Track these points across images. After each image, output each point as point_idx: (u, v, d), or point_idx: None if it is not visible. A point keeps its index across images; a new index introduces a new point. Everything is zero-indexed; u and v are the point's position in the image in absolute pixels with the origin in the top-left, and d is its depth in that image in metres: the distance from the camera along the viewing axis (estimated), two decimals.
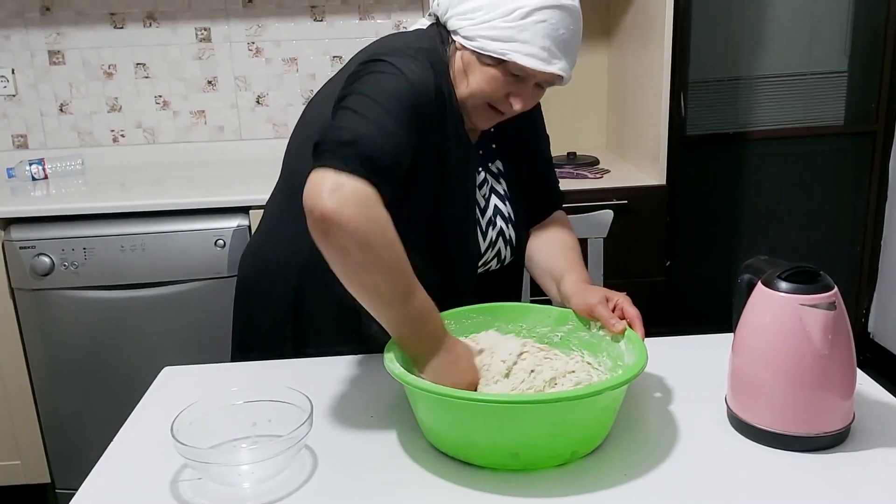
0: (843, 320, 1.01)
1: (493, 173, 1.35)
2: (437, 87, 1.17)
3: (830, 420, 1.02)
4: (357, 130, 1.05)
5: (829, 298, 0.99)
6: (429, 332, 1.08)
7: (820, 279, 1.01)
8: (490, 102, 1.21)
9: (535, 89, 1.21)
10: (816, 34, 2.93)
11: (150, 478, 1.02)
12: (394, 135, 1.08)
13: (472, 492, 0.96)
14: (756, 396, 1.04)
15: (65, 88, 2.73)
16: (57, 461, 2.36)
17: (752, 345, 1.04)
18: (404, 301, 1.04)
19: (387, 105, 1.09)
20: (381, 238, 1.00)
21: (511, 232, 1.35)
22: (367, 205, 1.00)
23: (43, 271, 2.18)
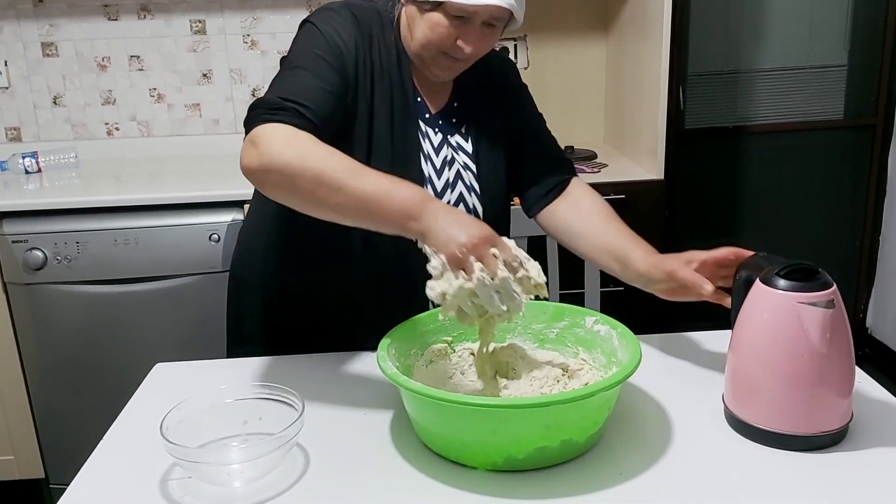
0: (842, 318, 0.99)
1: (452, 146, 1.32)
2: (359, 36, 1.20)
3: (828, 419, 1.01)
4: (263, 97, 1.12)
5: (828, 296, 0.98)
6: (402, 203, 1.00)
7: (818, 277, 1.00)
8: (443, 50, 1.20)
9: (485, 29, 1.19)
10: (816, 28, 2.92)
11: (140, 476, 1.00)
12: (305, 85, 1.12)
13: (465, 492, 0.95)
14: (754, 395, 1.03)
15: (58, 81, 2.71)
16: (51, 456, 2.35)
17: (750, 343, 1.03)
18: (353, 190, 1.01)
19: (302, 64, 1.16)
20: (297, 155, 1.03)
21: (475, 201, 1.32)
22: (275, 138, 1.05)
23: (36, 265, 2.16)
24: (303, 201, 1.05)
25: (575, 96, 2.92)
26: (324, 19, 1.21)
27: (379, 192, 1.01)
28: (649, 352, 1.07)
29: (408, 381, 0.98)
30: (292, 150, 1.04)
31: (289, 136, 1.06)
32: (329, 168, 1.02)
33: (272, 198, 1.09)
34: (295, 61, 1.18)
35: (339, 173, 1.02)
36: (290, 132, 1.06)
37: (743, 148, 3.00)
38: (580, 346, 1.19)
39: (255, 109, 1.11)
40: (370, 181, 1.02)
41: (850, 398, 1.03)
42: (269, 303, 1.38)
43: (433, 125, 1.31)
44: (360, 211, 1.03)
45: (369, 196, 1.01)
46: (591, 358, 1.16)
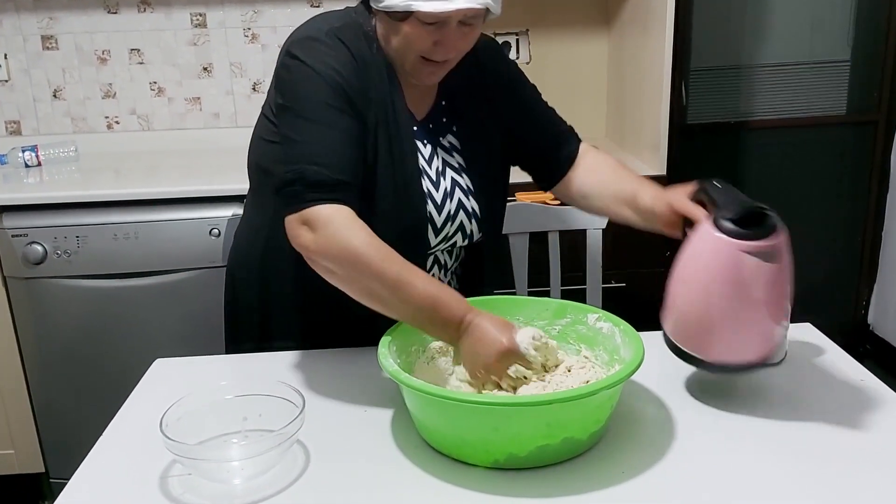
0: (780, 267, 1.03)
1: (444, 147, 1.32)
2: (355, 65, 1.18)
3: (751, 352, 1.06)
4: (297, 163, 1.13)
5: (767, 247, 1.00)
6: (442, 319, 1.08)
7: (767, 223, 1.03)
8: (422, 55, 1.18)
9: (462, 28, 1.16)
10: (819, 23, 2.90)
11: (140, 473, 1.00)
12: (330, 145, 1.14)
13: (466, 490, 0.95)
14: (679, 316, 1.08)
15: (58, 74, 2.69)
16: (51, 450, 2.34)
17: (686, 274, 1.07)
18: (401, 297, 1.08)
19: (314, 117, 1.15)
20: (354, 250, 1.07)
21: (473, 204, 1.32)
22: (330, 226, 1.09)
23: (35, 260, 2.15)
24: (352, 293, 1.11)
25: (577, 91, 2.90)
26: (314, 55, 1.17)
27: (425, 305, 1.08)
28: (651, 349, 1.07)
29: (409, 379, 0.98)
30: (351, 246, 1.08)
31: (346, 228, 1.09)
32: (385, 274, 1.07)
33: (323, 275, 1.12)
34: (306, 113, 1.15)
35: (391, 281, 1.07)
36: (345, 220, 1.10)
37: (745, 143, 2.99)
38: (582, 343, 1.18)
39: (294, 184, 1.12)
40: (418, 295, 1.08)
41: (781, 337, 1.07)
42: (265, 299, 1.37)
43: (421, 137, 1.29)
44: (406, 317, 1.11)
45: (415, 310, 1.09)
46: (594, 355, 1.16)
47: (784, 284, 1.05)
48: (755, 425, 1.08)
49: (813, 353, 1.26)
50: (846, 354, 1.26)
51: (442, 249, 1.33)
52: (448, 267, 1.38)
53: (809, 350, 1.27)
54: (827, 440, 1.03)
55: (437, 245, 1.31)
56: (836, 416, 1.08)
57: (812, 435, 1.04)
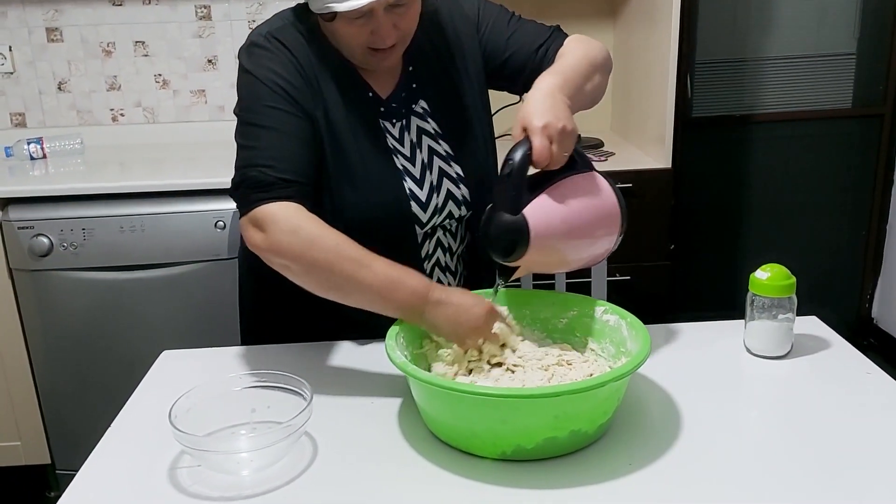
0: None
1: (418, 114, 1.31)
2: (296, 64, 1.19)
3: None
4: (242, 167, 1.15)
5: None
6: (404, 298, 1.08)
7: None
8: (366, 46, 1.18)
9: (394, 11, 1.15)
10: (825, 16, 2.89)
11: (149, 464, 1.01)
12: (275, 146, 1.15)
13: (473, 481, 0.95)
14: None
15: (63, 66, 2.70)
16: (57, 442, 2.35)
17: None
18: (358, 282, 1.08)
19: (259, 121, 1.17)
20: (305, 243, 1.08)
21: (457, 169, 1.31)
22: (278, 224, 1.10)
23: (41, 252, 2.16)
24: (310, 287, 1.12)
25: None
26: (255, 61, 1.20)
27: (383, 287, 1.08)
28: (657, 342, 1.07)
29: (417, 371, 0.98)
30: (299, 240, 1.09)
31: (293, 222, 1.10)
32: (337, 260, 1.08)
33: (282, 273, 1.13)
34: (250, 118, 1.18)
35: (346, 266, 1.08)
36: (293, 215, 1.11)
37: (750, 136, 2.99)
38: (589, 335, 1.18)
39: (239, 187, 1.14)
40: (376, 274, 1.08)
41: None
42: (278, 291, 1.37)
43: (389, 116, 1.28)
44: (366, 302, 1.10)
45: (375, 291, 1.08)
46: (600, 348, 1.16)
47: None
48: (761, 417, 1.09)
49: (819, 346, 1.26)
50: (852, 347, 1.26)
51: (438, 225, 1.31)
52: (453, 250, 1.37)
53: (815, 343, 1.27)
54: (833, 432, 1.03)
55: (431, 220, 1.29)
56: (841, 408, 1.08)
57: (818, 427, 1.04)
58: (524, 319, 1.21)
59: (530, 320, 1.21)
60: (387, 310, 1.10)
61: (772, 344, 1.22)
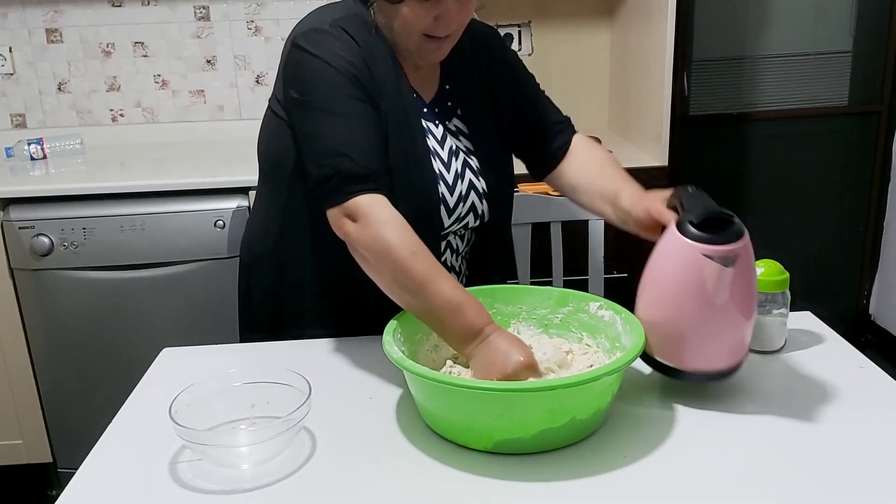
0: (743, 272, 1.03)
1: (451, 131, 1.33)
2: (364, 53, 1.20)
3: (718, 359, 1.06)
4: (329, 157, 1.15)
5: (729, 253, 1.01)
6: (462, 324, 1.08)
7: (732, 229, 1.03)
8: (425, 33, 1.19)
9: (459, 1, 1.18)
10: (821, 14, 2.90)
11: (150, 459, 1.02)
12: (355, 135, 1.16)
13: (470, 475, 0.96)
14: (649, 326, 1.07)
15: (63, 67, 2.71)
16: (58, 441, 2.37)
17: (651, 278, 1.07)
18: (427, 294, 1.09)
19: (333, 108, 1.17)
20: (388, 242, 1.10)
21: (482, 184, 1.34)
22: (370, 216, 1.12)
23: (42, 251, 2.17)
24: (379, 281, 1.14)
25: (579, 82, 2.91)
26: (323, 47, 1.19)
27: (446, 308, 1.09)
28: None
29: (414, 366, 0.99)
30: (387, 236, 1.11)
31: (384, 218, 1.12)
32: (410, 270, 1.09)
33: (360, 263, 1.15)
34: (327, 106, 1.17)
35: (416, 279, 1.09)
36: (385, 210, 1.13)
37: (747, 134, 3.00)
38: (584, 331, 1.19)
39: (331, 180, 1.14)
40: (440, 297, 1.09)
41: (743, 341, 1.07)
42: (280, 288, 1.39)
43: (431, 118, 1.31)
44: (422, 314, 1.11)
45: (436, 308, 1.09)
46: (596, 343, 1.17)
47: (749, 289, 1.05)
48: (755, 411, 1.10)
49: (812, 341, 1.28)
50: (846, 342, 1.28)
51: (455, 232, 1.34)
52: (459, 251, 1.39)
53: (808, 338, 1.29)
54: (826, 426, 1.04)
55: (451, 226, 1.32)
56: (835, 402, 1.09)
57: (811, 421, 1.05)
58: (520, 315, 1.23)
59: (527, 316, 1.23)
60: (440, 329, 1.11)
61: (766, 339, 1.23)
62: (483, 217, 1.36)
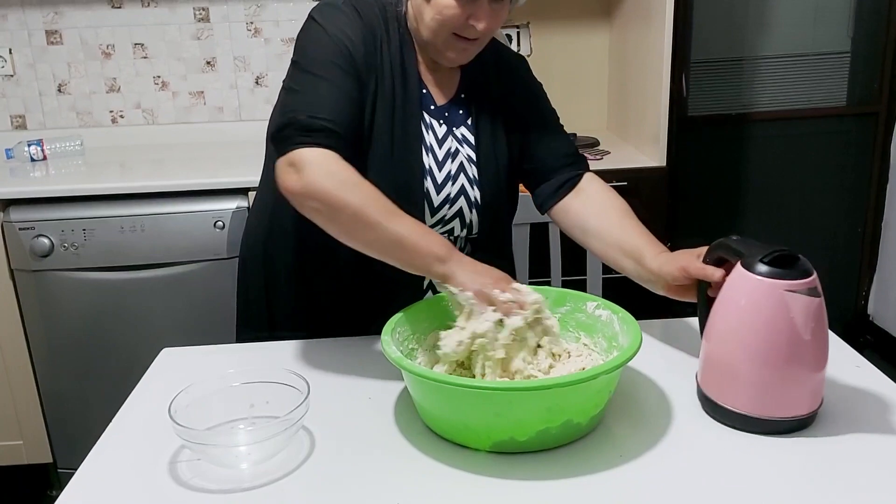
0: (822, 306, 1.01)
1: (457, 138, 1.33)
2: (365, 34, 1.22)
3: (801, 404, 1.02)
4: (292, 110, 1.16)
5: (812, 284, 0.99)
6: (433, 246, 1.10)
7: (800, 264, 1.00)
8: (455, 32, 1.21)
9: (493, 4, 1.19)
10: (819, 14, 2.91)
11: (149, 458, 1.02)
12: (327, 96, 1.17)
13: (468, 474, 0.97)
14: (729, 378, 1.04)
15: (63, 68, 2.71)
16: (58, 441, 2.37)
17: (728, 326, 1.03)
18: (389, 227, 1.10)
19: (316, 71, 1.19)
20: (339, 186, 1.10)
21: (476, 194, 1.33)
22: (316, 166, 1.11)
23: (42, 252, 2.18)
24: (338, 231, 1.13)
25: (578, 83, 2.92)
26: (330, 19, 1.22)
27: (411, 235, 1.10)
28: (650, 337, 1.08)
29: (412, 365, 1.00)
30: (334, 182, 1.11)
31: (330, 167, 1.12)
32: (368, 206, 1.10)
33: (309, 218, 1.14)
34: (310, 68, 1.20)
35: (376, 213, 1.10)
36: (331, 161, 1.13)
37: (746, 135, 3.00)
38: (582, 330, 1.20)
39: (285, 129, 1.15)
40: (404, 225, 1.11)
41: (823, 383, 1.04)
42: (276, 287, 1.40)
43: (438, 116, 1.31)
44: (390, 250, 1.11)
45: (402, 237, 1.10)
46: (593, 342, 1.18)
47: (826, 325, 1.03)
48: None
49: None
50: (842, 341, 1.28)
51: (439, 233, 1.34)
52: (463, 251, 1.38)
53: None
54: (823, 426, 1.05)
55: (434, 227, 1.31)
56: (831, 400, 1.10)
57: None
58: None
59: None
60: (410, 257, 1.11)
61: None
62: (471, 228, 1.35)
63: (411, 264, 1.12)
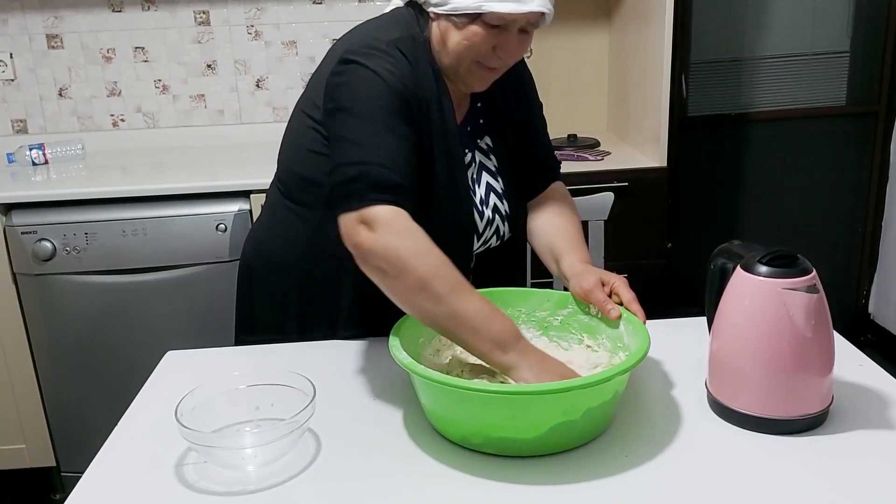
0: (823, 303, 1.01)
1: (482, 150, 1.34)
2: (416, 77, 1.18)
3: (811, 402, 1.02)
4: (359, 163, 1.11)
5: (810, 282, 0.99)
6: (499, 331, 1.05)
7: (799, 263, 1.01)
8: (478, 60, 1.19)
9: (520, 35, 1.18)
10: (818, 14, 2.92)
11: (155, 461, 1.03)
12: (392, 149, 1.13)
13: (475, 477, 0.97)
14: (737, 380, 1.04)
15: (64, 73, 2.72)
16: (62, 445, 2.37)
17: (733, 329, 1.04)
18: (453, 301, 1.05)
19: (375, 119, 1.13)
20: (411, 251, 1.06)
21: (505, 207, 1.34)
22: (391, 227, 1.07)
23: (45, 256, 2.18)
24: (398, 295, 1.08)
25: (578, 84, 2.92)
26: (377, 62, 1.16)
27: (477, 316, 1.05)
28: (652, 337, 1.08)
29: (425, 371, 0.99)
30: (406, 245, 1.07)
31: (405, 228, 1.08)
32: (437, 277, 1.05)
33: (369, 275, 1.10)
34: (368, 116, 1.14)
35: (444, 286, 1.05)
36: (404, 221, 1.08)
37: (746, 135, 3.01)
38: (585, 332, 1.20)
39: (355, 183, 1.10)
40: (471, 303, 1.06)
41: (832, 381, 1.04)
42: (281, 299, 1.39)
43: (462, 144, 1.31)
44: (450, 326, 1.06)
45: (467, 317, 1.05)
46: (596, 344, 1.18)
47: (829, 320, 1.03)
48: None
49: None
50: (845, 340, 1.28)
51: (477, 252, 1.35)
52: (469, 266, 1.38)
53: None
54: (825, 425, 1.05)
55: (478, 249, 1.34)
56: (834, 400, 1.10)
57: None
58: (520, 318, 1.23)
59: (526, 318, 1.24)
60: (471, 337, 1.05)
61: None
62: (503, 237, 1.38)
63: (471, 346, 1.07)
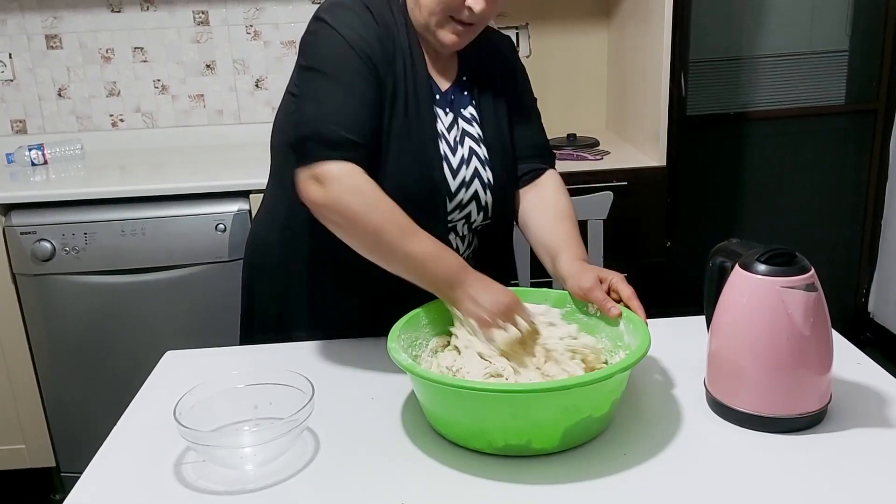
0: (821, 301, 1.01)
1: (465, 118, 1.34)
2: (380, 32, 1.21)
3: (809, 401, 1.02)
4: (314, 120, 1.16)
5: (808, 280, 0.99)
6: (444, 270, 1.12)
7: (797, 261, 1.01)
8: (451, 14, 1.21)
9: None
10: (817, 13, 2.92)
11: (154, 461, 1.03)
12: (348, 107, 1.17)
13: (474, 476, 0.97)
14: (736, 378, 1.04)
15: (62, 73, 2.72)
16: (61, 445, 2.37)
17: (731, 327, 1.04)
18: (405, 248, 1.12)
19: (334, 79, 1.18)
20: (362, 205, 1.13)
21: (488, 174, 1.34)
22: (340, 181, 1.14)
23: (44, 256, 2.18)
24: (357, 245, 1.16)
25: (577, 84, 2.92)
26: (342, 20, 1.20)
27: (426, 257, 1.13)
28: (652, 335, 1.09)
29: (426, 372, 0.99)
30: (356, 199, 1.14)
31: (354, 182, 1.15)
32: (387, 226, 1.13)
33: (330, 230, 1.17)
34: (327, 74, 1.18)
35: (394, 233, 1.13)
36: (355, 176, 1.15)
37: (745, 134, 3.01)
38: (584, 331, 1.20)
39: (307, 141, 1.16)
40: (420, 245, 1.14)
41: (830, 380, 1.04)
42: (283, 287, 1.39)
43: (443, 105, 1.32)
44: (406, 269, 1.15)
45: (417, 259, 1.13)
46: (596, 342, 1.18)
47: (828, 320, 1.03)
48: None
49: None
50: (843, 338, 1.28)
51: (458, 221, 1.34)
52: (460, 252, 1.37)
53: None
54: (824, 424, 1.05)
55: (452, 212, 1.32)
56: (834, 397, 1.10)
57: None
58: None
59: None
60: (423, 278, 1.14)
61: None
62: (487, 210, 1.36)
63: (426, 285, 1.15)
